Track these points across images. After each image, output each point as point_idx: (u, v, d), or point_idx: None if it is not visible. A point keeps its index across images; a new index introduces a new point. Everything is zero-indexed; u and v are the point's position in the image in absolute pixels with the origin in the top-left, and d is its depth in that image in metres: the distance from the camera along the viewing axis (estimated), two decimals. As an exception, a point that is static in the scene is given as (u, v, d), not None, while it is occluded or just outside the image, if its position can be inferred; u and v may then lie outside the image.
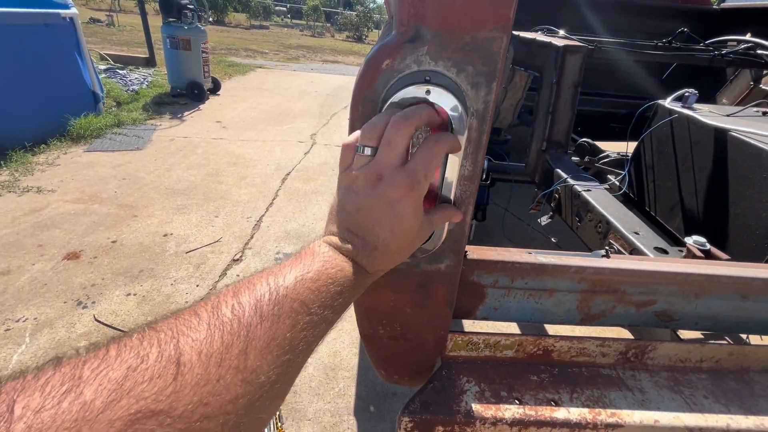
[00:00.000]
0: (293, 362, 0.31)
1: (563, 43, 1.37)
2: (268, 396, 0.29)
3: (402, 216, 0.38)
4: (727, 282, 0.66)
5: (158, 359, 0.24)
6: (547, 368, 0.68)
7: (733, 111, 1.15)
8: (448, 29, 0.41)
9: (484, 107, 0.45)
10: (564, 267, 0.64)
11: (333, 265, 0.35)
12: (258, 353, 0.28)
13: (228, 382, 0.26)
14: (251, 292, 0.31)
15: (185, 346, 0.25)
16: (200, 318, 0.28)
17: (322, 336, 0.34)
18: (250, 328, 0.29)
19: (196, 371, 0.24)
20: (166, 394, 0.23)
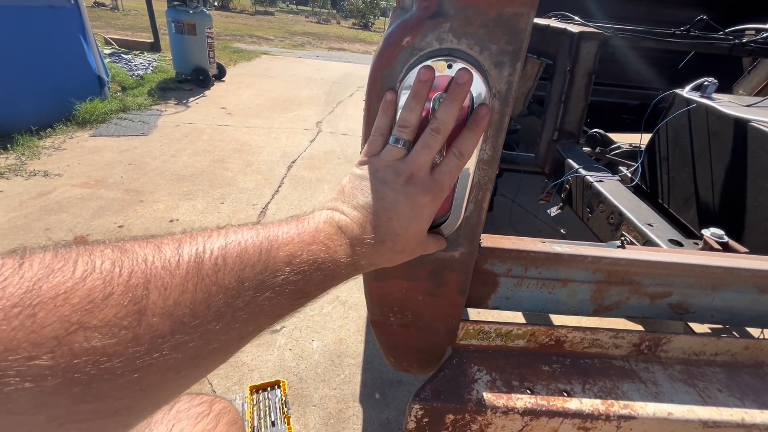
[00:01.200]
0: (250, 334, 0.30)
1: (579, 29, 1.33)
2: (214, 361, 0.28)
3: (419, 220, 0.39)
4: (746, 275, 0.65)
5: (123, 298, 0.22)
6: (559, 359, 0.67)
7: (754, 101, 1.12)
8: (473, 4, 0.39)
9: (507, 88, 0.43)
10: (580, 257, 0.63)
11: (329, 251, 0.34)
12: (222, 322, 0.27)
13: (181, 344, 0.25)
14: (240, 250, 0.29)
15: (154, 291, 0.24)
16: (180, 258, 0.26)
17: (287, 315, 0.33)
18: (226, 293, 0.27)
19: (155, 324, 0.23)
20: (121, 340, 0.22)
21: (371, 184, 0.38)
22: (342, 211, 0.37)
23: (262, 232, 0.31)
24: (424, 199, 0.38)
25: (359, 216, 0.37)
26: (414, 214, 0.38)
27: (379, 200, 0.37)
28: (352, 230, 0.36)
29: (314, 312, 1.67)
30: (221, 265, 0.28)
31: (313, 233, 0.34)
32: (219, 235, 0.29)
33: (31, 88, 3.03)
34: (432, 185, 0.39)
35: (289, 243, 0.32)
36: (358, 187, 0.39)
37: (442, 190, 0.39)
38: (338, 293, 1.78)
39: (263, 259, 0.30)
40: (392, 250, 0.39)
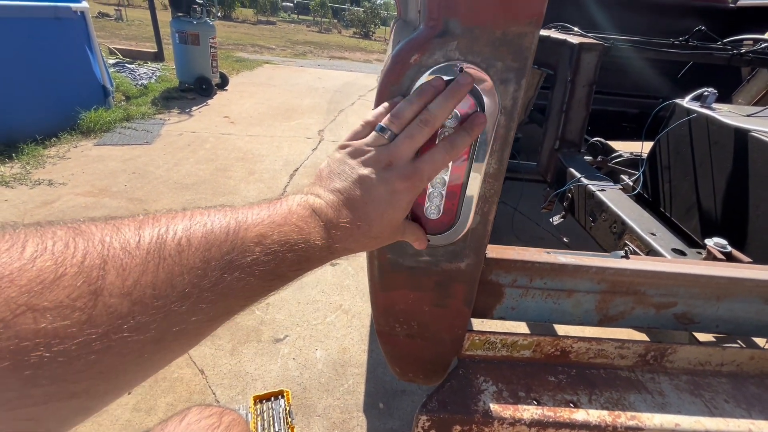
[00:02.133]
0: (216, 318, 0.29)
1: (578, 40, 1.35)
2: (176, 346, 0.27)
3: (396, 207, 0.38)
4: (750, 285, 0.65)
5: (76, 279, 0.22)
6: (565, 369, 0.67)
7: (754, 111, 1.13)
8: (479, 24, 0.40)
9: (513, 104, 0.44)
10: (584, 267, 0.64)
11: (302, 232, 0.33)
12: (187, 303, 0.26)
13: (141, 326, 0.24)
14: (205, 230, 0.28)
15: (111, 271, 0.23)
16: (140, 239, 0.25)
17: (261, 298, 0.33)
18: (190, 273, 0.26)
19: (112, 304, 0.23)
20: (73, 322, 0.21)
21: (349, 168, 0.38)
22: (318, 194, 0.37)
23: (231, 214, 0.31)
24: (401, 185, 0.38)
25: (335, 199, 0.37)
26: (390, 201, 0.38)
27: (355, 184, 0.37)
28: (326, 213, 0.36)
29: (317, 321, 1.67)
30: (185, 246, 0.27)
31: (285, 215, 0.33)
32: (184, 217, 0.29)
33: (37, 98, 3.06)
34: (411, 173, 0.38)
35: (259, 224, 0.31)
36: (336, 170, 0.39)
37: (421, 180, 0.39)
38: (341, 302, 1.78)
39: (231, 239, 0.29)
40: (367, 235, 0.38)
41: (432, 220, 0.50)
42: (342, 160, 0.39)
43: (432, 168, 0.40)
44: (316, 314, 1.69)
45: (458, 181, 0.47)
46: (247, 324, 1.60)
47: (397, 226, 0.41)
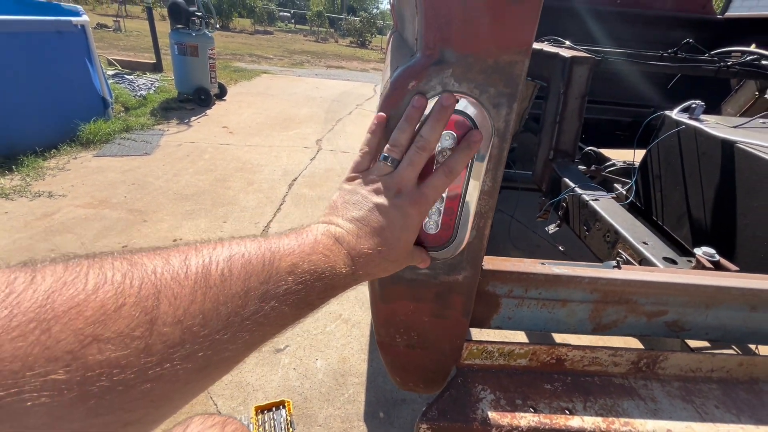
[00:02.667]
0: (253, 346, 0.30)
1: (570, 54, 1.39)
2: (220, 371, 0.28)
3: (410, 230, 0.42)
4: (737, 293, 0.68)
5: (134, 309, 0.23)
6: (560, 377, 0.69)
7: (740, 122, 1.17)
8: (473, 53, 0.43)
9: (505, 126, 0.47)
10: (577, 278, 0.66)
11: (328, 261, 0.35)
12: (230, 332, 0.27)
13: (191, 354, 0.25)
14: (244, 261, 0.30)
15: (164, 301, 0.24)
16: (188, 269, 0.27)
17: (290, 326, 0.34)
18: (233, 302, 0.28)
19: (166, 333, 0.24)
20: (133, 351, 0.22)
21: (362, 198, 0.41)
22: (337, 224, 0.39)
23: (264, 244, 0.32)
24: (413, 210, 0.41)
25: (354, 228, 0.39)
26: (404, 225, 0.41)
27: (371, 212, 0.40)
28: (348, 241, 0.38)
29: (317, 331, 1.68)
30: (227, 276, 0.28)
31: (312, 244, 0.35)
32: (223, 247, 0.30)
33: (37, 111, 3.09)
34: (419, 197, 0.42)
35: (290, 254, 0.33)
36: (350, 201, 0.41)
37: (428, 203, 0.43)
38: (341, 311, 1.80)
39: (267, 270, 0.31)
40: (387, 259, 0.41)
41: (431, 235, 0.53)
42: (353, 190, 0.42)
43: (435, 192, 0.44)
44: (316, 324, 1.70)
45: (455, 198, 0.50)
46: (248, 334, 1.61)
47: (410, 249, 0.44)
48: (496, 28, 0.42)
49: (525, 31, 0.42)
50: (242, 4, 21.84)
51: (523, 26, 0.42)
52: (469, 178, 0.48)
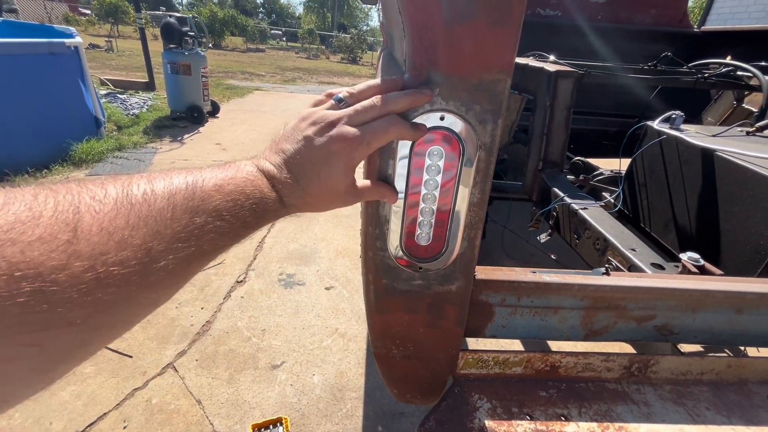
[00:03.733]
0: (194, 259, 0.32)
1: (555, 68, 1.44)
2: (161, 284, 0.29)
3: (332, 165, 0.41)
4: (721, 297, 0.70)
5: (52, 219, 0.24)
6: (555, 384, 0.71)
7: (719, 131, 1.21)
8: (457, 73, 0.45)
9: (491, 141, 0.49)
10: (567, 285, 0.68)
11: (253, 184, 0.37)
12: (164, 243, 0.29)
13: (124, 260, 0.26)
14: (167, 183, 0.31)
15: (86, 215, 0.25)
16: (107, 192, 0.28)
17: (228, 245, 0.35)
18: (159, 215, 0.29)
19: (94, 241, 0.25)
20: (57, 254, 0.23)
21: (298, 131, 0.42)
22: (266, 157, 0.42)
23: (186, 172, 0.34)
24: (337, 145, 0.40)
25: (279, 159, 0.41)
26: (327, 159, 0.40)
27: (298, 144, 0.41)
28: (269, 170, 0.40)
29: (314, 346, 1.67)
30: (150, 194, 0.29)
31: (236, 170, 0.37)
32: (143, 176, 0.31)
33: (30, 131, 3.09)
34: (350, 133, 0.41)
35: (213, 177, 0.35)
36: (286, 134, 0.43)
37: (360, 143, 0.41)
38: (337, 326, 1.79)
39: (191, 188, 0.32)
40: (306, 191, 0.41)
41: (423, 247, 0.54)
42: (295, 125, 0.43)
43: (372, 134, 0.42)
44: (313, 339, 1.70)
45: (446, 210, 0.52)
46: (244, 351, 1.60)
47: (339, 190, 0.43)
48: (479, 50, 0.44)
49: (506, 52, 0.45)
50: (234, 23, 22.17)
51: (503, 47, 0.44)
52: (458, 188, 0.50)
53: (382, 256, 0.57)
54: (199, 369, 1.49)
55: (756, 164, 0.94)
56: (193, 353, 1.56)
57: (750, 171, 0.94)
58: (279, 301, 1.92)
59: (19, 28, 3.65)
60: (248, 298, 1.93)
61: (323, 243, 2.53)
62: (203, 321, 1.74)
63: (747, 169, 0.94)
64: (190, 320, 1.74)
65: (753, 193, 0.93)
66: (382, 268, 0.58)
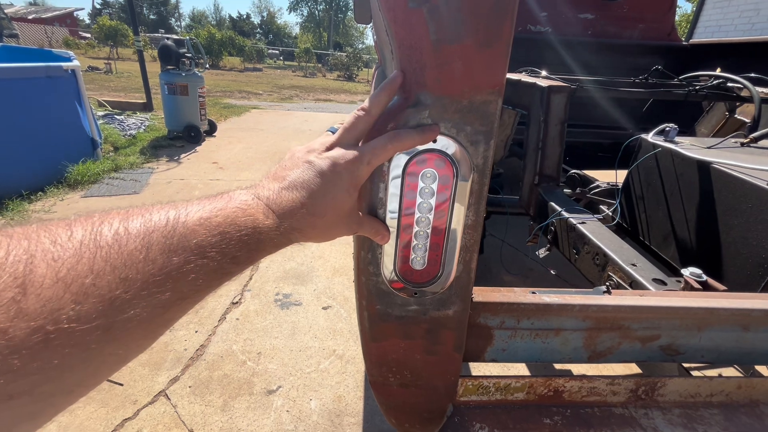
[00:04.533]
0: (172, 305, 0.28)
1: (547, 83, 1.45)
2: (130, 337, 0.26)
3: (337, 184, 0.40)
4: (726, 314, 0.68)
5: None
6: (560, 410, 0.68)
7: (713, 143, 1.21)
8: (447, 95, 0.44)
9: (484, 162, 0.48)
10: (568, 306, 0.65)
11: (246, 213, 0.34)
12: (133, 288, 0.25)
13: (83, 314, 0.23)
14: (144, 220, 0.28)
15: (40, 264, 0.22)
16: (72, 233, 0.25)
17: (217, 285, 0.32)
18: (130, 258, 0.26)
19: (45, 295, 0.22)
20: (5, 319, 0.20)
21: (295, 160, 0.41)
22: (262, 185, 0.39)
23: (168, 206, 0.31)
24: (341, 164, 0.40)
25: (276, 185, 0.39)
26: (332, 180, 0.39)
27: (297, 168, 0.40)
28: (268, 196, 0.37)
29: (311, 369, 1.62)
30: (123, 234, 0.26)
31: (226, 200, 0.34)
32: (119, 213, 0.29)
33: (25, 154, 3.08)
34: (350, 154, 0.40)
35: (199, 210, 0.31)
36: (284, 164, 0.42)
37: (360, 161, 0.41)
38: (335, 347, 1.75)
39: (171, 224, 0.29)
40: (313, 213, 0.39)
41: (418, 271, 0.52)
42: (292, 155, 0.42)
43: (372, 152, 0.42)
44: (310, 361, 1.65)
45: (440, 233, 0.50)
46: (239, 376, 1.55)
47: (345, 210, 0.42)
48: (468, 72, 0.43)
49: (496, 72, 0.44)
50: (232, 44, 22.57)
51: (493, 68, 0.44)
52: (452, 211, 0.49)
53: (376, 281, 0.55)
54: (193, 396, 1.44)
55: (753, 176, 0.93)
56: (187, 379, 1.51)
57: (748, 183, 0.93)
58: (275, 323, 1.88)
59: (19, 52, 3.69)
60: (244, 319, 1.89)
61: (320, 261, 2.50)
62: (197, 345, 1.70)
63: (745, 181, 0.94)
64: (184, 344, 1.70)
65: (752, 206, 0.92)
66: (375, 293, 0.56)
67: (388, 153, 0.43)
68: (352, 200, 0.42)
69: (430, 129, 0.44)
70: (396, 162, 0.46)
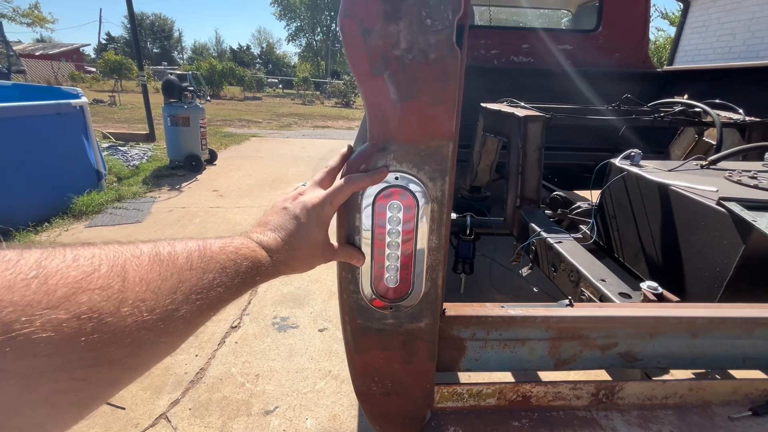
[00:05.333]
0: (204, 310, 0.38)
1: (524, 113, 1.57)
2: (178, 331, 0.35)
3: (308, 222, 0.52)
4: (674, 322, 0.76)
5: (108, 272, 0.30)
6: (528, 413, 0.74)
7: (675, 165, 1.31)
8: (408, 141, 0.54)
9: (442, 194, 0.57)
10: (531, 318, 0.73)
11: (247, 247, 0.46)
12: (183, 294, 0.35)
13: (155, 307, 0.32)
14: (184, 245, 0.39)
15: (130, 268, 0.31)
16: (142, 251, 0.34)
17: (229, 299, 0.42)
18: (182, 272, 0.36)
19: (136, 290, 0.31)
20: (112, 300, 0.28)
21: (273, 209, 0.54)
22: (253, 229, 0.51)
23: (197, 239, 0.42)
24: (306, 209, 0.52)
25: (265, 229, 0.51)
26: (300, 221, 0.51)
27: (276, 215, 0.52)
28: (259, 238, 0.49)
29: (307, 389, 1.67)
30: (173, 253, 0.37)
31: (231, 240, 0.46)
32: (164, 241, 0.39)
33: (33, 187, 3.20)
34: (315, 196, 0.53)
35: (216, 242, 0.43)
36: (266, 213, 0.54)
37: (324, 201, 0.53)
38: (330, 368, 1.80)
39: (202, 249, 0.40)
40: (292, 247, 0.51)
41: (393, 288, 0.61)
42: (273, 206, 0.55)
43: (332, 194, 0.53)
44: (306, 382, 1.70)
45: (409, 255, 0.59)
46: (237, 398, 1.60)
47: (318, 244, 0.53)
48: (423, 123, 0.53)
49: (446, 123, 0.54)
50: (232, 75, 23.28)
51: (444, 120, 0.54)
52: (417, 236, 0.58)
53: (356, 298, 0.63)
54: (192, 418, 1.48)
55: (705, 196, 1.03)
56: (187, 402, 1.56)
57: (700, 203, 1.02)
58: (273, 345, 1.93)
59: (30, 90, 3.87)
60: (242, 343, 1.94)
61: (317, 285, 2.56)
62: (197, 368, 1.75)
63: (697, 201, 1.03)
64: (185, 368, 1.75)
65: (705, 224, 1.01)
66: (356, 309, 0.64)
67: (345, 194, 0.54)
68: (323, 234, 0.54)
69: (379, 171, 0.54)
70: (367, 194, 0.55)
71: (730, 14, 6.31)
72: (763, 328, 0.77)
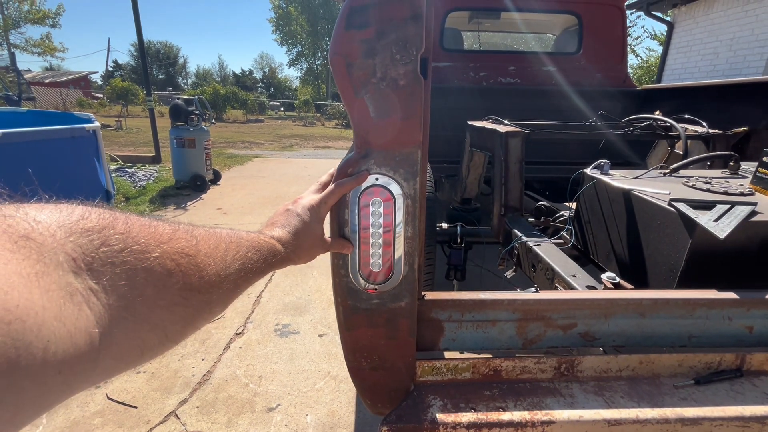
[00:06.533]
0: (239, 285, 0.47)
1: (505, 129, 1.72)
2: (221, 299, 0.44)
3: (311, 221, 0.65)
4: (623, 303, 0.87)
5: (185, 233, 0.40)
6: (498, 385, 0.85)
7: (640, 173, 1.45)
8: (385, 149, 0.68)
9: (414, 192, 0.71)
10: (499, 301, 0.86)
11: (263, 239, 0.56)
12: (227, 266, 0.44)
13: (215, 261, 0.42)
14: (223, 232, 0.49)
15: (196, 233, 0.42)
16: (198, 231, 0.44)
17: (253, 280, 0.51)
18: (227, 248, 0.46)
19: (203, 260, 0.40)
20: (192, 248, 0.39)
21: (280, 211, 0.67)
22: (266, 229, 0.62)
23: (229, 230, 0.52)
24: (307, 208, 0.65)
25: (272, 227, 0.62)
26: (302, 219, 0.64)
27: (282, 217, 0.65)
28: (272, 232, 0.61)
29: (308, 389, 1.76)
30: (218, 235, 0.47)
31: (250, 233, 0.56)
32: (205, 227, 0.48)
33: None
34: (312, 200, 0.67)
35: (245, 233, 0.54)
36: (274, 215, 0.67)
37: (319, 204, 0.67)
38: (329, 369, 1.89)
39: (234, 236, 0.50)
40: (299, 239, 0.63)
41: (377, 272, 0.74)
42: (278, 210, 0.68)
43: (327, 195, 0.67)
44: (306, 382, 1.79)
45: (389, 243, 0.72)
46: (242, 397, 1.69)
47: (318, 237, 0.66)
48: (396, 135, 0.67)
49: (414, 134, 0.68)
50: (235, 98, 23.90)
51: (413, 132, 0.68)
52: (395, 227, 0.71)
53: (347, 281, 0.76)
54: (200, 415, 1.57)
55: (659, 198, 1.16)
56: (194, 401, 1.65)
57: (655, 204, 1.15)
58: (275, 350, 2.03)
59: (43, 116, 4.08)
60: (246, 348, 2.04)
61: (317, 294, 2.67)
62: (204, 371, 1.84)
63: (652, 203, 1.16)
64: (192, 371, 1.84)
65: (659, 222, 1.14)
66: (347, 290, 0.76)
67: (337, 195, 0.68)
68: (321, 229, 0.68)
69: (361, 174, 0.69)
70: (354, 195, 0.69)
71: (713, 34, 6.59)
72: (703, 308, 0.89)
